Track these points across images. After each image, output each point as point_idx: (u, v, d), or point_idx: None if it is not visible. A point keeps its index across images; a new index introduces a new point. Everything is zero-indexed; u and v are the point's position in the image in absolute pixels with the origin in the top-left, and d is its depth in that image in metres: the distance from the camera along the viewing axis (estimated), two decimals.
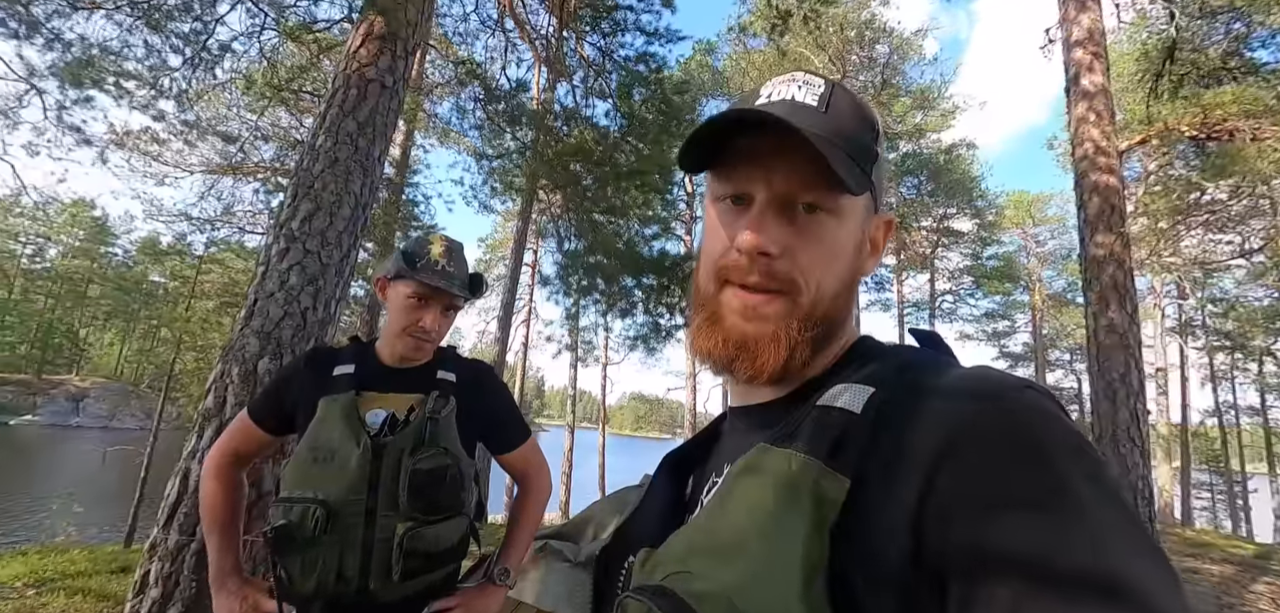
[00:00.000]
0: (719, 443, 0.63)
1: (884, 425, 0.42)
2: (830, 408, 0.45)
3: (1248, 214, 12.83)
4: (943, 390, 0.42)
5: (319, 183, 3.68)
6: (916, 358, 0.49)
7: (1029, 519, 0.33)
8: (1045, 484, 0.34)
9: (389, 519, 1.33)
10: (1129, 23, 9.27)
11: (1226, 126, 5.47)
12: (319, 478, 1.32)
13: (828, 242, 0.52)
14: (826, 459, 0.42)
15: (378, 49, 3.91)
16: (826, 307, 0.52)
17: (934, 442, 0.38)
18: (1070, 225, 23.04)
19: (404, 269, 1.44)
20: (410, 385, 1.47)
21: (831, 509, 0.39)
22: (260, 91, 6.56)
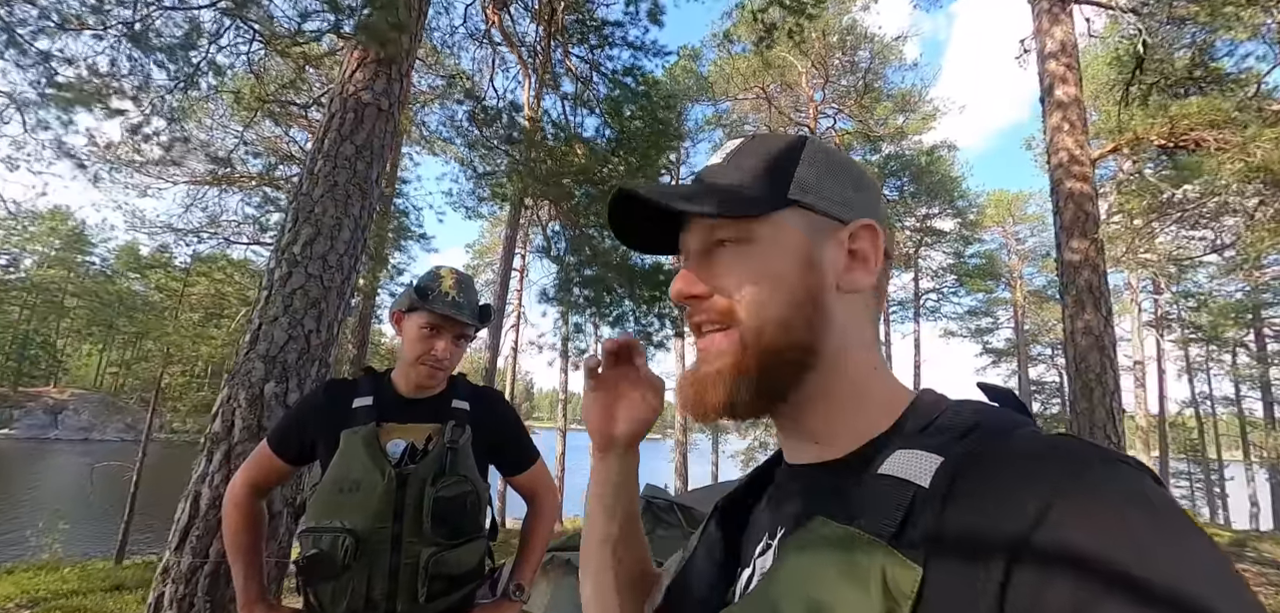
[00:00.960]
0: (771, 493, 0.61)
1: (955, 502, 0.38)
2: (895, 479, 0.42)
3: (1219, 212, 13.24)
4: (1021, 463, 0.38)
5: (319, 207, 3.75)
6: (987, 420, 0.45)
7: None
8: (1144, 580, 0.30)
9: (414, 545, 1.41)
10: (1100, 32, 9.55)
11: (1193, 136, 5.72)
12: (346, 508, 1.40)
13: (751, 266, 0.52)
14: (894, 541, 0.39)
15: (373, 72, 3.98)
16: (774, 333, 0.51)
17: (1013, 526, 0.34)
18: (1048, 224, 23.57)
19: (417, 301, 1.53)
20: (427, 416, 1.55)
21: (904, 601, 0.36)
22: (247, 104, 6.57)
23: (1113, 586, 0.30)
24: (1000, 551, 0.34)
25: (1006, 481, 0.37)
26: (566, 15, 7.03)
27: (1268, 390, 19.63)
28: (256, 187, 9.02)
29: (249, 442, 3.42)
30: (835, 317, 0.52)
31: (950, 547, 0.37)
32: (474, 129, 6.35)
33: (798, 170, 0.54)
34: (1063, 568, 0.32)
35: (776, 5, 7.13)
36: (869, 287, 0.54)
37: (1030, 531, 0.33)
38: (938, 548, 0.37)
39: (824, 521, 0.44)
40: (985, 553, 0.35)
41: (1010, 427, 0.43)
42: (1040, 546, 0.33)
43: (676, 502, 3.55)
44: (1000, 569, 0.34)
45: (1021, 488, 0.36)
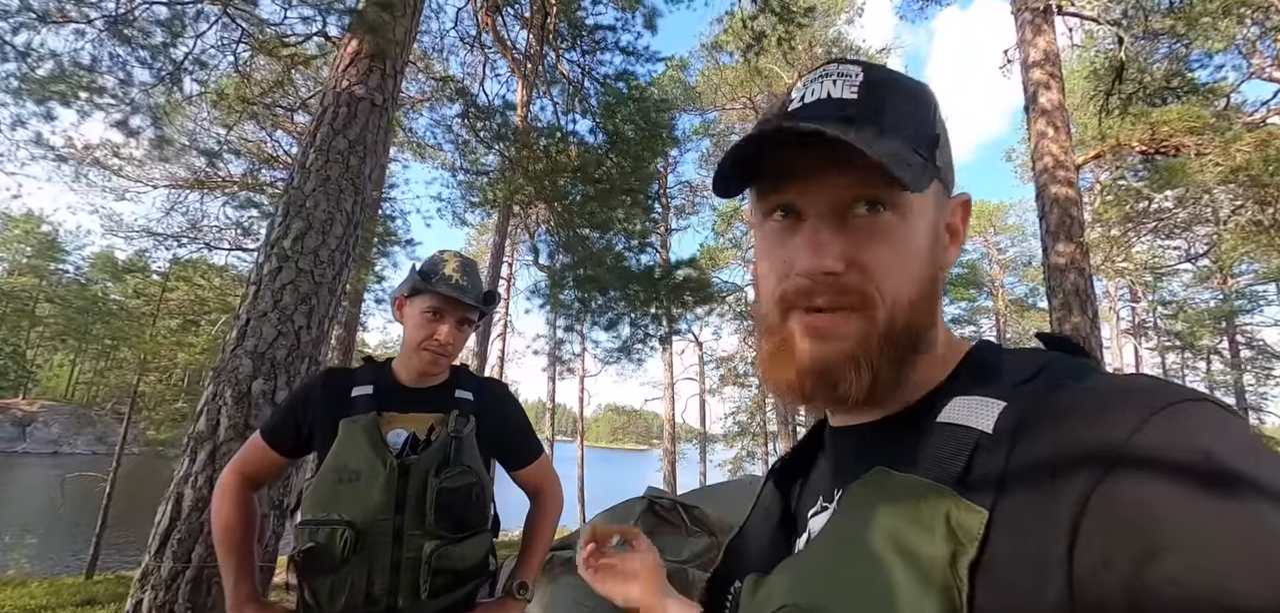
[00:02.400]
0: (822, 457, 0.58)
1: (1021, 445, 0.37)
2: (956, 426, 0.41)
3: (1192, 221, 13.63)
4: (1092, 401, 0.36)
5: (310, 201, 3.68)
6: (1051, 364, 0.43)
7: (1206, 560, 0.28)
8: (1229, 516, 0.28)
9: (416, 538, 1.34)
10: (1081, 43, 9.81)
11: (1172, 142, 5.88)
12: (345, 500, 1.33)
13: (897, 242, 0.46)
14: (957, 486, 0.37)
15: (367, 68, 3.93)
16: (907, 315, 0.46)
17: (1086, 460, 0.33)
18: (1029, 234, 24.07)
19: (420, 284, 1.48)
20: (429, 405, 1.49)
21: (970, 543, 0.35)
22: (231, 105, 6.46)
23: (1192, 492, 0.29)
24: (1071, 493, 0.33)
25: (1074, 423, 0.35)
26: (558, 21, 7.04)
27: (1241, 396, 20.16)
28: (239, 190, 8.85)
29: (235, 441, 3.31)
30: (939, 298, 0.50)
31: (1018, 487, 0.35)
32: (465, 129, 6.31)
33: (938, 130, 0.49)
34: (1135, 511, 0.30)
35: (766, 13, 7.22)
36: (952, 263, 0.51)
37: (1101, 472, 0.32)
38: (1004, 490, 0.36)
39: (884, 471, 0.43)
40: (1059, 484, 0.33)
41: (1077, 371, 0.41)
42: (1112, 489, 0.31)
43: (678, 501, 3.52)
44: (1072, 511, 0.32)
45: (1090, 430, 0.34)
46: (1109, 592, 0.30)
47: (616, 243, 7.88)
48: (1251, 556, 0.27)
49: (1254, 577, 0.27)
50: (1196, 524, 0.29)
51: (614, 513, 3.48)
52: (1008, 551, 0.34)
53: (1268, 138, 5.28)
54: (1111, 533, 0.31)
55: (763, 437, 21.47)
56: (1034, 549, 0.33)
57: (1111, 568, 0.30)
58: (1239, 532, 0.28)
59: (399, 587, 1.33)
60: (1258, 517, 0.28)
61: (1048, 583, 0.32)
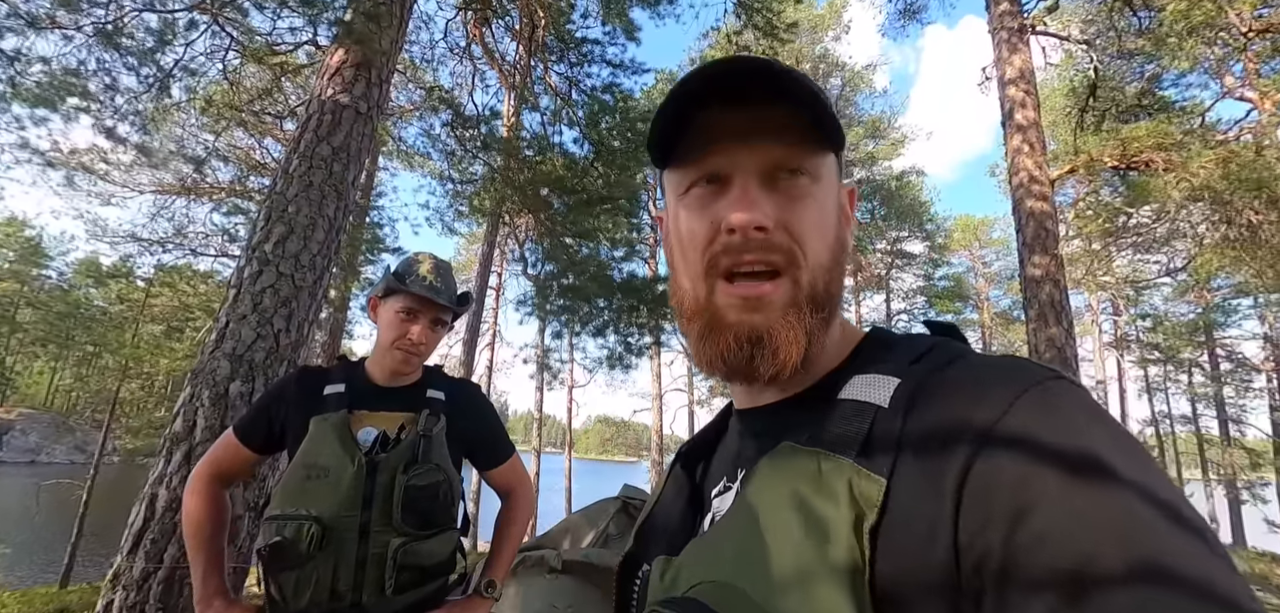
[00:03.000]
0: (725, 441, 0.61)
1: (913, 418, 0.40)
2: (856, 402, 0.43)
3: (1171, 236, 13.90)
4: (973, 378, 0.40)
5: (293, 206, 3.71)
6: (938, 346, 0.47)
7: (1067, 522, 0.31)
8: (1083, 479, 0.32)
9: (382, 535, 1.36)
10: (1056, 63, 10.06)
11: (1143, 158, 6.04)
12: (312, 495, 1.35)
13: (816, 206, 0.49)
14: (859, 457, 0.40)
15: (353, 76, 3.99)
16: (825, 278, 0.49)
17: (968, 433, 0.36)
18: (1013, 248, 24.40)
19: (393, 285, 1.52)
20: (401, 405, 1.52)
21: (870, 511, 0.37)
22: (219, 112, 6.48)
23: (1057, 463, 0.33)
24: (955, 461, 0.36)
25: (958, 398, 0.39)
26: (546, 33, 7.14)
27: (1222, 408, 20.44)
28: (226, 196, 8.84)
29: (211, 442, 3.30)
30: (844, 272, 0.53)
31: (912, 454, 0.38)
32: (452, 137, 6.36)
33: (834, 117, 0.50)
34: (1008, 475, 0.34)
35: (751, 29, 7.37)
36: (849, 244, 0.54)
37: (980, 441, 0.35)
38: (901, 457, 0.38)
39: (790, 446, 0.44)
40: (946, 454, 0.36)
41: (960, 352, 0.45)
42: (989, 455, 0.35)
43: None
44: (956, 477, 0.35)
45: (972, 403, 0.38)
46: (987, 550, 0.33)
47: (601, 252, 7.95)
48: (1104, 518, 0.31)
49: (1105, 538, 0.30)
50: (1059, 488, 0.32)
51: (588, 513, 3.49)
52: (903, 515, 0.37)
53: (1229, 156, 5.46)
54: (989, 498, 0.34)
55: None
56: (925, 513, 0.36)
57: (988, 529, 0.33)
58: (1093, 495, 0.32)
59: (364, 583, 1.34)
60: (1107, 481, 0.32)
61: (937, 544, 0.35)
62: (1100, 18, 7.16)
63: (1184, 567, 0.29)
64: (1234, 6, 5.35)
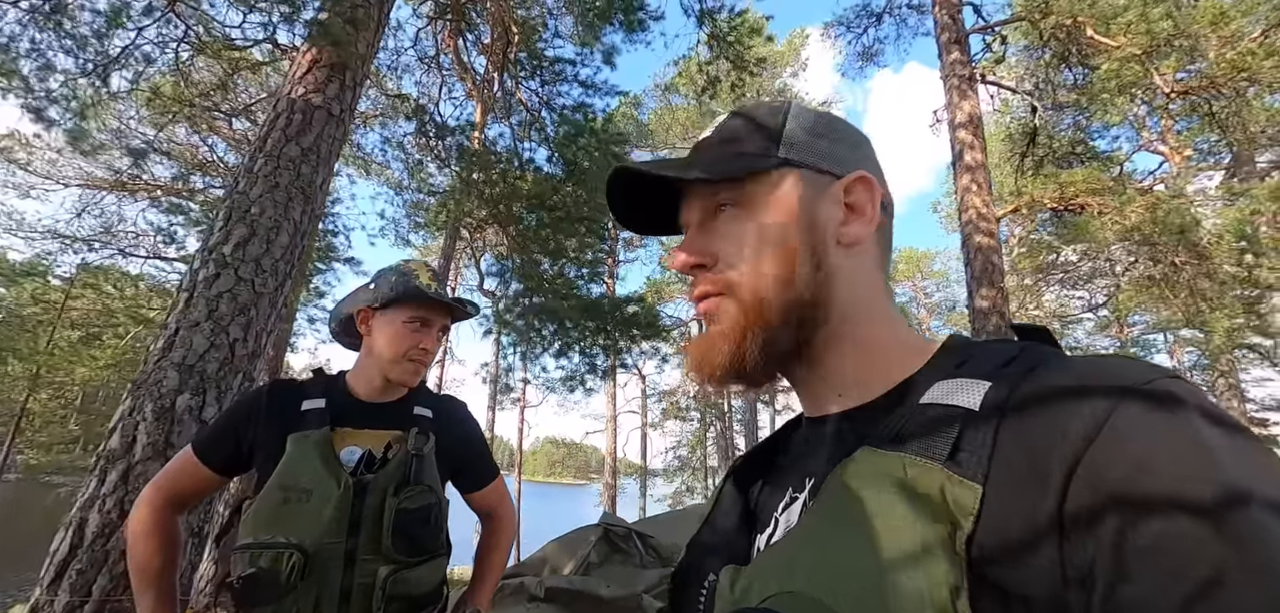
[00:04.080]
0: (789, 452, 0.60)
1: (1009, 422, 0.38)
2: (942, 405, 0.42)
3: (1093, 275, 15.11)
4: (1075, 379, 0.37)
5: (256, 208, 3.50)
6: (1028, 348, 0.45)
7: (1185, 524, 0.29)
8: (1206, 482, 0.30)
9: (371, 563, 1.25)
10: (999, 109, 10.82)
11: (1078, 201, 6.55)
12: (293, 520, 1.22)
13: (742, 230, 0.54)
14: (948, 462, 0.38)
15: (326, 77, 3.83)
16: (770, 285, 0.52)
17: (1071, 437, 0.34)
18: (953, 280, 25.84)
19: (398, 293, 1.41)
20: (387, 422, 1.41)
21: (965, 519, 0.35)
22: (166, 105, 6.07)
23: (1169, 471, 0.31)
24: (1059, 465, 0.34)
25: (1059, 399, 0.37)
26: (519, 50, 7.11)
27: None
28: (164, 195, 8.25)
29: (153, 461, 3.05)
30: (841, 271, 0.53)
31: (1009, 460, 0.36)
32: (418, 148, 6.20)
33: (786, 129, 0.55)
34: (1119, 479, 0.32)
35: (721, 60, 7.57)
36: (868, 237, 0.54)
37: (1085, 444, 0.33)
38: (995, 463, 0.36)
39: (872, 450, 0.43)
40: (1046, 460, 0.34)
41: (1054, 354, 0.43)
42: (1097, 459, 0.33)
43: (634, 530, 3.48)
44: (1059, 482, 0.33)
45: (1075, 405, 0.35)
46: (1093, 564, 0.31)
47: (568, 272, 7.89)
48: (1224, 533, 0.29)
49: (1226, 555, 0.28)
50: (1171, 498, 0.30)
51: (567, 541, 3.41)
52: (1001, 523, 0.35)
53: (1156, 202, 5.99)
54: (1095, 507, 0.32)
55: (703, 472, 21.58)
56: (1025, 522, 0.34)
57: (1094, 541, 0.31)
58: (1211, 506, 0.29)
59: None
60: (1226, 491, 0.30)
61: (1039, 555, 0.33)
62: (1040, 71, 7.78)
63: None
64: (1159, 70, 5.94)
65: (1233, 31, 5.45)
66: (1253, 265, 5.47)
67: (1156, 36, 5.59)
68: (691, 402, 21.12)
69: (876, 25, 9.47)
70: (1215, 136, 7.41)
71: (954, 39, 7.89)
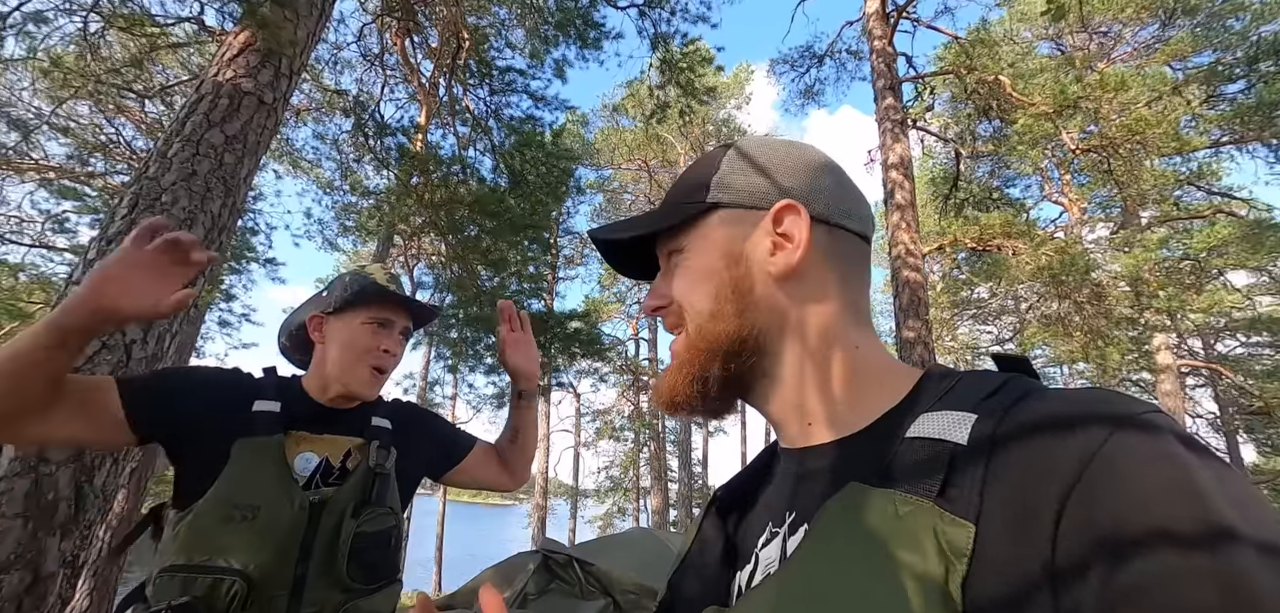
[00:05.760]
0: (768, 484, 0.59)
1: (998, 457, 0.37)
2: (930, 440, 0.41)
3: (1001, 311, 16.41)
4: (1064, 413, 0.37)
5: (168, 195, 3.17)
6: (1012, 381, 0.44)
7: (1174, 564, 0.29)
8: (1194, 522, 0.30)
9: (319, 591, 1.12)
10: (922, 154, 11.62)
11: (995, 242, 7.09)
12: (235, 543, 1.07)
13: (687, 273, 0.57)
14: (938, 500, 0.37)
15: (259, 61, 3.55)
16: (710, 322, 0.54)
17: (1062, 472, 0.34)
18: (879, 311, 27.30)
19: (357, 295, 1.29)
20: (345, 428, 1.28)
21: (959, 560, 0.34)
22: (67, 78, 5.45)
23: (1157, 506, 0.31)
24: (1050, 501, 0.33)
25: (1048, 434, 0.36)
26: (469, 57, 6.94)
27: None
28: (57, 177, 7.39)
29: (21, 478, 2.66)
30: (775, 301, 0.54)
31: (1000, 496, 0.36)
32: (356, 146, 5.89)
33: (716, 175, 0.58)
34: (1110, 514, 0.31)
35: (673, 86, 7.70)
36: (806, 264, 0.53)
37: (1083, 464, 0.33)
38: (986, 500, 0.36)
39: (859, 487, 0.41)
40: (1037, 496, 0.34)
41: (1037, 387, 0.42)
42: (1087, 494, 0.32)
43: (574, 556, 3.35)
44: (1051, 519, 0.33)
45: (1065, 439, 0.35)
46: (1085, 595, 0.31)
47: (510, 284, 7.69)
48: (1210, 570, 0.29)
49: (1211, 596, 0.28)
50: (1159, 534, 0.30)
51: (503, 569, 3.24)
52: (994, 563, 0.34)
53: (1066, 246, 6.59)
54: (1086, 543, 0.31)
55: (635, 493, 21.48)
56: (1017, 561, 0.33)
57: (1087, 579, 0.31)
58: (1197, 545, 0.29)
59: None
60: (1212, 529, 0.30)
61: (1034, 595, 0.32)
62: (963, 121, 8.44)
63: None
64: (1066, 128, 6.58)
65: (1129, 98, 6.15)
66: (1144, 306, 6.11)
67: (1066, 98, 6.21)
68: (626, 422, 21.03)
69: (818, 66, 9.97)
70: (1110, 191, 8.29)
71: (888, 85, 8.41)
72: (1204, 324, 11.53)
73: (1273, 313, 11.41)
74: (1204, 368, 12.43)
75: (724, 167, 0.58)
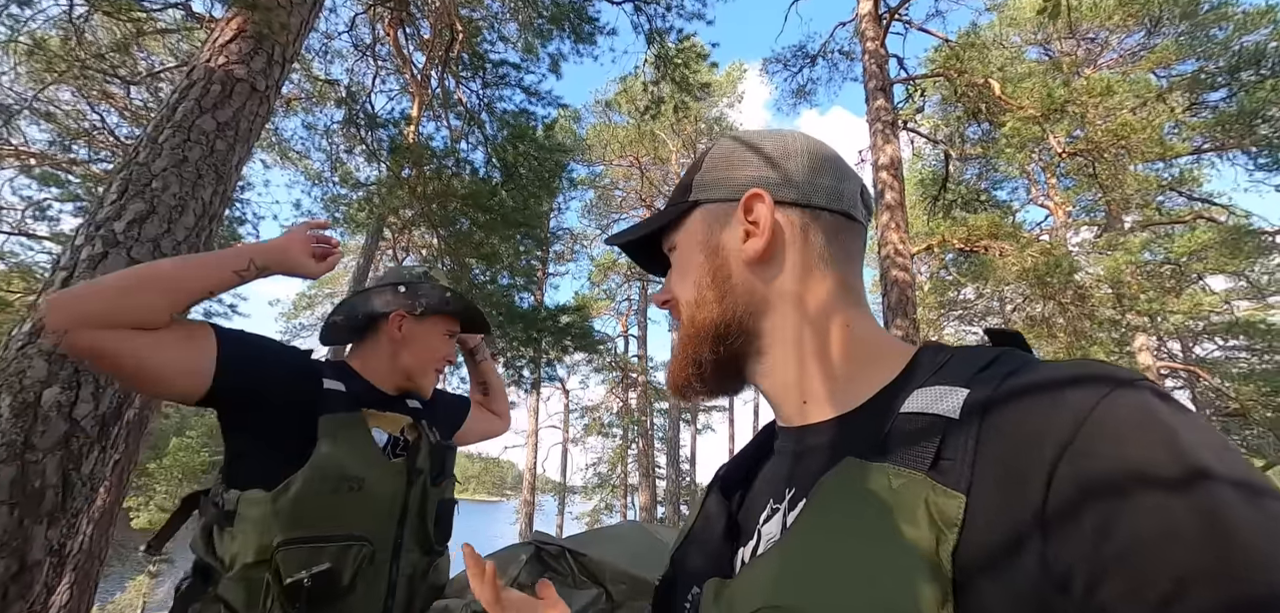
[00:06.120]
0: (769, 461, 0.61)
1: (988, 428, 0.38)
2: (922, 414, 0.42)
3: (986, 312, 16.63)
4: (1052, 383, 0.38)
5: (158, 182, 3.13)
6: (1004, 354, 0.44)
7: (1163, 526, 0.30)
8: (1180, 474, 0.31)
9: (412, 555, 1.23)
10: (912, 155, 11.73)
11: (982, 243, 7.20)
12: (349, 511, 1.12)
13: (678, 269, 0.62)
14: (930, 472, 0.38)
15: (252, 48, 3.51)
16: (694, 311, 0.59)
17: (1050, 440, 0.35)
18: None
19: (449, 307, 1.41)
20: (396, 409, 1.37)
21: (950, 531, 0.35)
22: (51, 62, 5.34)
23: (1146, 467, 0.32)
24: (1039, 466, 0.34)
25: (1036, 402, 0.37)
26: (462, 50, 6.89)
27: None
28: (38, 164, 7.24)
29: (6, 464, 2.61)
30: (752, 286, 0.56)
31: (990, 466, 0.36)
32: (347, 137, 5.83)
33: (698, 174, 0.62)
34: (1098, 473, 0.32)
35: (667, 81, 7.70)
36: (777, 247, 0.56)
37: (1065, 442, 0.34)
38: (978, 471, 0.37)
39: (854, 461, 0.43)
40: (1027, 464, 0.35)
41: (1029, 359, 0.43)
42: (1076, 456, 0.33)
43: (568, 548, 3.36)
44: (1040, 484, 0.34)
45: (1053, 406, 0.36)
46: (1076, 563, 0.31)
47: (501, 279, 7.66)
48: (1199, 526, 0.30)
49: (1201, 549, 0.29)
50: (1149, 494, 0.31)
51: (497, 560, 3.24)
52: (984, 532, 0.35)
53: (1051, 248, 6.70)
54: (1076, 507, 0.32)
55: (623, 489, 21.52)
56: (1008, 528, 0.34)
57: (1077, 541, 0.31)
58: (1187, 501, 0.30)
59: (393, 609, 1.19)
60: (1201, 484, 0.31)
61: (1024, 559, 0.33)
62: (952, 123, 8.55)
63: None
64: (1054, 131, 6.70)
65: (1115, 104, 6.27)
66: (1126, 309, 6.25)
67: (1054, 102, 6.33)
68: (614, 418, 21.05)
69: (810, 66, 10.02)
70: (1095, 195, 8.45)
71: (880, 87, 8.47)
72: (1183, 327, 11.79)
73: (1249, 317, 11.69)
74: (1182, 370, 12.69)
75: (705, 164, 0.62)
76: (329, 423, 1.16)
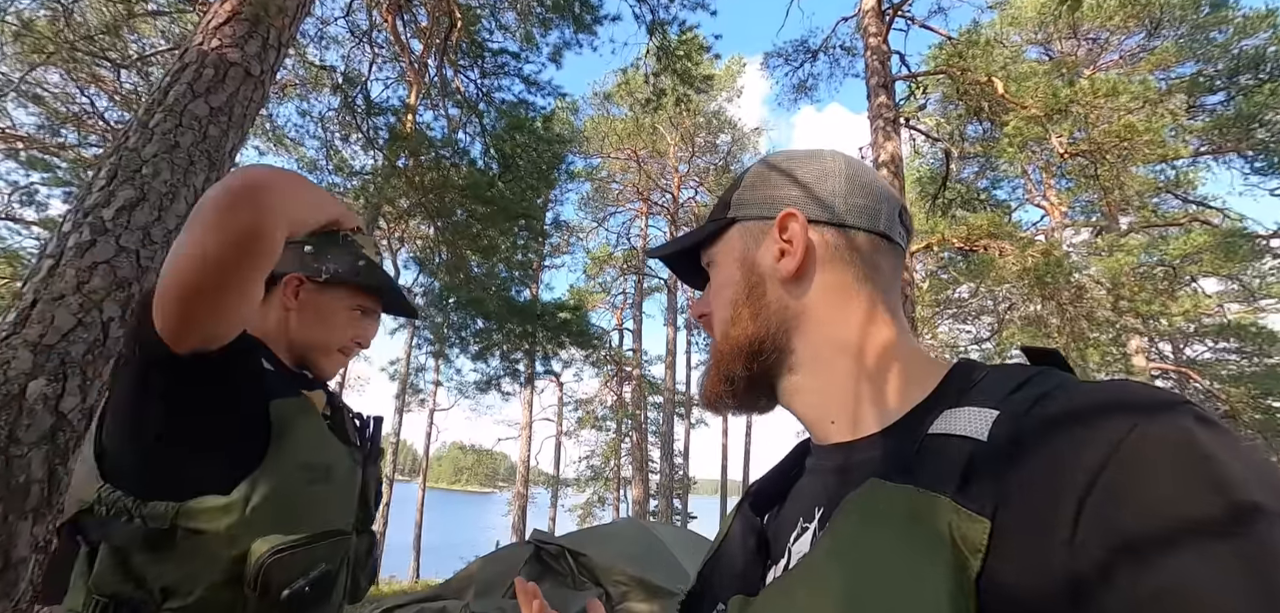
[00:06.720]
0: (802, 480, 0.60)
1: (1017, 452, 0.37)
2: (949, 436, 0.41)
3: (980, 311, 16.71)
4: (1085, 407, 0.36)
5: (148, 168, 3.04)
6: (1038, 375, 0.43)
7: (1206, 556, 0.28)
8: (1223, 513, 0.29)
9: (362, 539, 1.16)
10: (912, 153, 11.71)
11: (981, 242, 7.20)
12: (322, 505, 1.01)
13: (715, 284, 0.64)
14: (956, 495, 0.37)
15: (246, 30, 3.42)
16: (726, 328, 0.60)
17: (1081, 467, 0.33)
18: None
19: (359, 278, 1.16)
20: (305, 387, 1.17)
21: (973, 556, 0.34)
22: (40, 43, 5.20)
23: (1180, 503, 0.30)
24: (1069, 497, 0.33)
25: (1070, 428, 0.35)
26: (461, 38, 6.79)
27: None
28: (25, 147, 7.08)
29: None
30: (786, 304, 0.57)
31: (1018, 493, 0.35)
32: (343, 125, 5.73)
33: (737, 193, 0.63)
34: (1132, 510, 0.31)
35: (669, 74, 7.62)
36: (811, 265, 0.57)
37: (1097, 474, 0.32)
38: (1004, 495, 0.36)
39: (879, 483, 0.43)
40: (1056, 491, 0.33)
41: (1064, 380, 0.42)
42: (1108, 490, 0.32)
43: (567, 547, 3.31)
44: (1070, 515, 0.32)
45: (1086, 434, 0.34)
46: (1109, 599, 0.30)
47: (499, 271, 7.58)
48: (1235, 570, 0.28)
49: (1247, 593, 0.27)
50: (1182, 532, 0.29)
51: (497, 559, 3.20)
52: (1010, 559, 0.34)
53: (1050, 248, 6.70)
54: (1105, 541, 0.31)
55: (615, 482, 21.52)
56: (1036, 557, 0.33)
57: (1105, 576, 0.30)
58: (1224, 543, 0.28)
59: (348, 597, 1.13)
60: (1240, 527, 0.29)
61: (1051, 588, 0.32)
62: (954, 121, 8.53)
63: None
64: (1056, 131, 6.69)
65: (1119, 105, 6.27)
66: (1122, 310, 6.27)
67: (1058, 101, 6.30)
68: (608, 412, 21.03)
69: (812, 61, 9.95)
70: (1094, 196, 8.46)
71: (881, 83, 8.42)
72: (1175, 329, 11.87)
73: (1240, 320, 11.78)
74: (1174, 371, 12.79)
75: (743, 183, 0.63)
76: (283, 407, 1.00)
